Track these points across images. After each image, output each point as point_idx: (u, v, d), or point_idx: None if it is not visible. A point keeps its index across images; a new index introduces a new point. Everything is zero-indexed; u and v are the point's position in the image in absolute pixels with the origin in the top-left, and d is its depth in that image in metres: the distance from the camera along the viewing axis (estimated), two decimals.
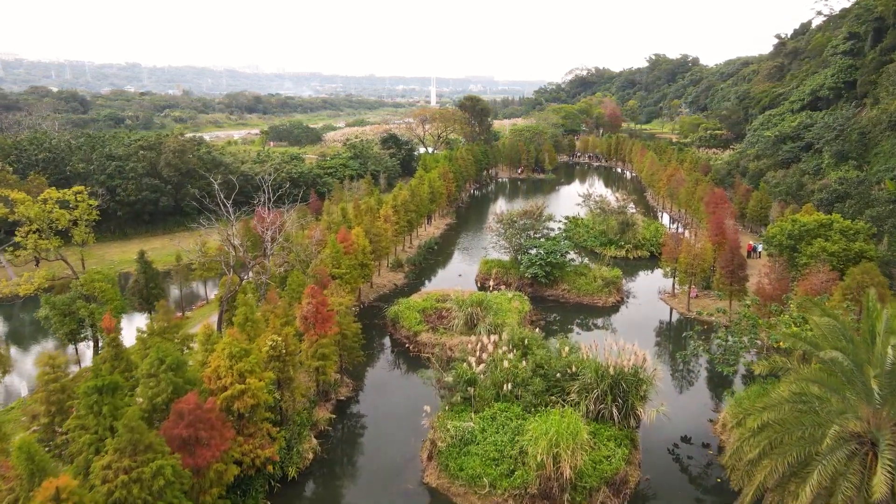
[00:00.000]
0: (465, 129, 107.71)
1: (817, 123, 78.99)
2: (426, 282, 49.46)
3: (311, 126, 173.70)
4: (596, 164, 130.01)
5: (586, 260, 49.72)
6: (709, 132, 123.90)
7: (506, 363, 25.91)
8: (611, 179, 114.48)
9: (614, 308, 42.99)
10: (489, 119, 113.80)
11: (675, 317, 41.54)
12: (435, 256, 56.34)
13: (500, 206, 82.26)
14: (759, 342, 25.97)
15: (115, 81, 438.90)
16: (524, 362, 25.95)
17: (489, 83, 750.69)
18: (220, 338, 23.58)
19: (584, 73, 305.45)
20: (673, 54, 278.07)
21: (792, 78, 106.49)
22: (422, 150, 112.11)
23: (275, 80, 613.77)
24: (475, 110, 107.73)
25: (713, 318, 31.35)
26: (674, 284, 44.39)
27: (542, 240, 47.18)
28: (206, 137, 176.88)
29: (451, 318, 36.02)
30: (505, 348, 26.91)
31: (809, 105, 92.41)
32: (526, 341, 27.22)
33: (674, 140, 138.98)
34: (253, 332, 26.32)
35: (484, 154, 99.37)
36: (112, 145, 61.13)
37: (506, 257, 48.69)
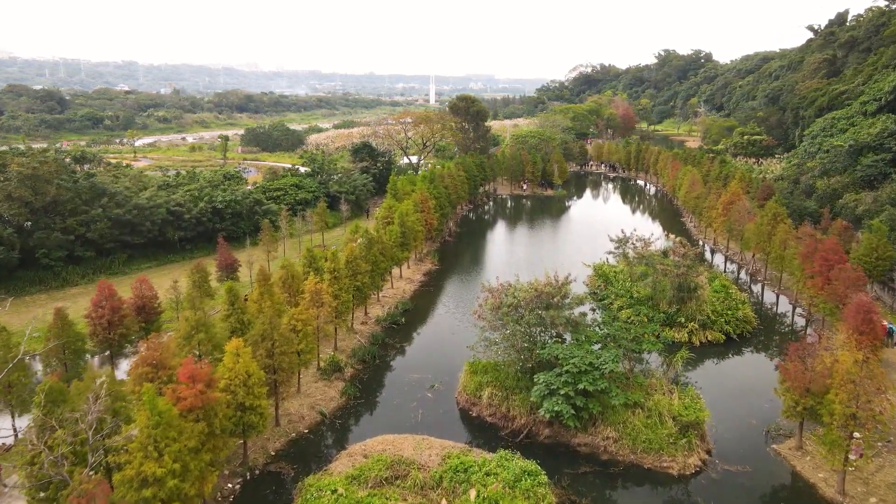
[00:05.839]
0: (457, 136, 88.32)
1: None
2: (377, 401, 30.68)
3: (294, 128, 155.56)
4: (612, 174, 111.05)
5: (640, 364, 30.05)
6: (746, 137, 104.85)
7: None
8: (631, 194, 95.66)
9: (695, 475, 24.31)
10: (486, 123, 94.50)
11: (811, 499, 22.87)
12: (399, 341, 37.43)
13: (497, 254, 63.03)
14: None
15: (110, 80, 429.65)
16: None
17: (490, 81, 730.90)
18: None
19: (589, 70, 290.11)
20: (682, 50, 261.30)
21: (855, 73, 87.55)
22: (405, 160, 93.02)
23: (273, 79, 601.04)
24: (469, 113, 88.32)
25: None
26: (801, 431, 25.56)
27: (568, 340, 28.61)
28: (190, 139, 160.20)
29: None
30: None
31: (888, 106, 73.68)
32: None
33: (702, 146, 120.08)
34: None
35: (479, 167, 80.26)
36: None
37: (503, 354, 29.98)
